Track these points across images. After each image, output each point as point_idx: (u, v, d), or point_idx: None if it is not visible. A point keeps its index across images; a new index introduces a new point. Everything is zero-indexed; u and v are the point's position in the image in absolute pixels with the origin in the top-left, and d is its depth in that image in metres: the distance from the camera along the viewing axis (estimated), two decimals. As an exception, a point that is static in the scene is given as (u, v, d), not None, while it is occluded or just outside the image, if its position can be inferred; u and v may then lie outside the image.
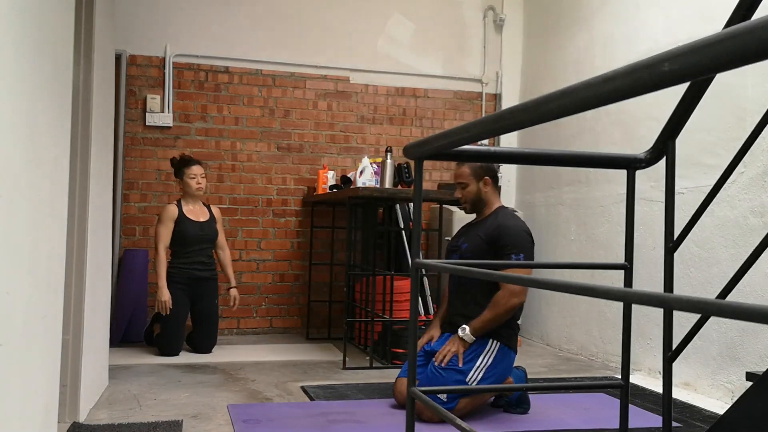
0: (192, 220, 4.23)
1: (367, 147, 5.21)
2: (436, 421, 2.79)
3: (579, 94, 0.85)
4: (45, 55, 1.99)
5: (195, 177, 4.23)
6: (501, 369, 2.93)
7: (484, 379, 2.88)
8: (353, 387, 3.42)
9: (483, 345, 2.91)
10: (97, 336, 2.96)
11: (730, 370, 3.28)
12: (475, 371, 2.87)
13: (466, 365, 2.87)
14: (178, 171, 4.28)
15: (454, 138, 1.25)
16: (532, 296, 5.05)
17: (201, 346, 4.20)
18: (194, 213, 4.27)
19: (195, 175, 4.23)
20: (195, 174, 4.23)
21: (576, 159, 1.69)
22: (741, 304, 0.62)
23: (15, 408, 1.81)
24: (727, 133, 3.36)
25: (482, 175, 3.08)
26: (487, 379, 2.89)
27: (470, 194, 3.10)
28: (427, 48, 5.34)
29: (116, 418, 2.78)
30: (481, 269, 1.25)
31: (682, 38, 3.64)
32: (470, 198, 3.10)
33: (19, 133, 1.77)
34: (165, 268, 4.12)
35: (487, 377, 2.89)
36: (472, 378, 2.87)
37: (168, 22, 4.84)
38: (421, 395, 1.45)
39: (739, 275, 1.64)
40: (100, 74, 2.83)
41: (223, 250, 4.41)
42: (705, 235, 3.45)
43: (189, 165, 4.24)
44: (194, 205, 4.30)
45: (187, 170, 4.23)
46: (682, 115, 1.65)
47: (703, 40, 0.64)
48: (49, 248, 2.09)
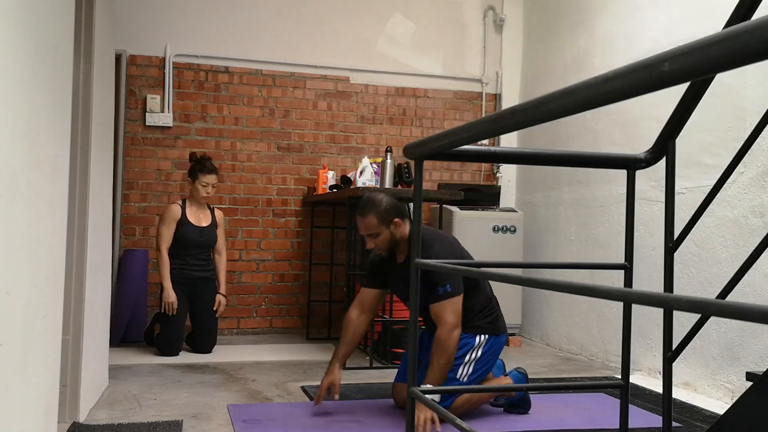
0: (193, 224, 4.21)
1: (367, 147, 5.21)
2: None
3: (579, 94, 0.85)
4: (45, 55, 1.99)
5: (206, 186, 4.18)
6: (490, 354, 2.93)
7: (475, 371, 2.88)
8: (353, 387, 3.42)
9: (470, 342, 2.89)
10: (97, 336, 2.96)
11: (730, 370, 3.28)
12: (464, 367, 2.86)
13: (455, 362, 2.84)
14: (192, 171, 4.21)
15: (454, 138, 1.25)
16: (533, 296, 5.05)
17: (201, 346, 4.20)
18: (196, 217, 4.25)
19: (207, 184, 4.18)
20: (207, 183, 4.18)
21: (576, 159, 1.70)
22: (741, 304, 0.62)
23: (15, 408, 1.81)
24: (727, 133, 3.36)
25: (391, 219, 2.87)
26: (477, 371, 2.89)
27: (384, 242, 2.90)
28: (427, 48, 5.34)
29: (116, 418, 2.78)
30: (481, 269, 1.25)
31: (682, 38, 3.64)
32: (384, 246, 2.92)
33: (19, 133, 1.77)
34: (168, 269, 4.12)
35: (478, 369, 2.89)
36: (461, 374, 2.86)
37: (168, 22, 4.84)
38: (421, 395, 1.45)
39: (739, 275, 1.64)
40: (100, 74, 2.83)
41: (220, 254, 4.38)
42: (705, 235, 3.45)
43: (205, 173, 4.18)
44: (198, 209, 4.27)
45: (201, 177, 4.17)
46: (682, 115, 1.65)
47: (703, 40, 0.64)
48: (49, 248, 2.09)
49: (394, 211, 2.88)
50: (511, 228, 4.82)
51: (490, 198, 5.13)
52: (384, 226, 2.85)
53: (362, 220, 2.87)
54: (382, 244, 2.91)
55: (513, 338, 4.83)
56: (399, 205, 2.93)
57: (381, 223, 2.85)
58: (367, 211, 2.85)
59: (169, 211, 4.18)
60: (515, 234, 4.82)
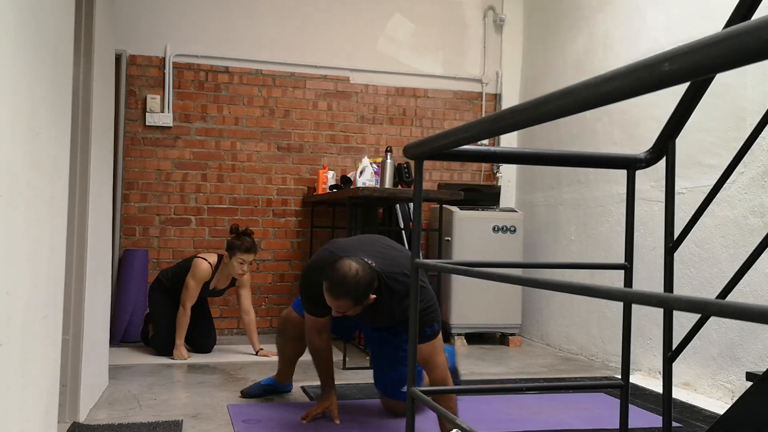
0: (209, 289, 4.16)
1: (367, 147, 5.21)
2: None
3: (579, 94, 0.85)
4: (45, 55, 1.99)
5: (243, 263, 4.03)
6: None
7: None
8: (353, 387, 3.42)
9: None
10: (97, 336, 2.96)
11: (730, 370, 3.28)
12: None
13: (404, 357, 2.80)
14: (231, 247, 4.05)
15: (454, 138, 1.25)
16: (533, 296, 5.06)
17: (201, 346, 4.20)
18: (219, 282, 4.18)
19: (244, 261, 4.03)
20: (244, 261, 4.02)
21: (576, 159, 1.69)
22: (741, 304, 0.62)
23: (15, 408, 1.81)
24: (727, 133, 3.36)
25: (365, 298, 2.52)
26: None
27: (356, 312, 2.59)
28: (427, 48, 5.35)
29: (116, 418, 2.78)
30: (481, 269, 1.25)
31: (682, 38, 3.64)
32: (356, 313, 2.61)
33: (19, 133, 1.77)
34: (186, 327, 4.04)
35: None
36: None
37: (168, 22, 4.84)
38: (421, 395, 1.45)
39: (739, 275, 1.64)
40: (100, 74, 2.83)
41: (248, 314, 4.21)
42: (705, 235, 3.45)
43: (243, 251, 4.01)
44: (226, 277, 4.17)
45: (240, 254, 4.01)
46: (682, 115, 1.65)
47: (703, 40, 0.64)
48: (49, 248, 2.09)
49: (368, 287, 2.50)
50: (511, 228, 4.82)
51: (490, 198, 5.13)
52: (359, 305, 2.53)
53: (334, 300, 2.50)
54: (354, 314, 2.60)
55: (513, 338, 4.83)
56: (373, 276, 2.52)
57: (356, 304, 2.51)
58: (341, 293, 2.47)
59: (200, 271, 4.04)
60: (515, 234, 4.82)
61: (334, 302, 2.50)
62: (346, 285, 2.45)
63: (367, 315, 2.66)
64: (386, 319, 2.67)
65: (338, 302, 2.49)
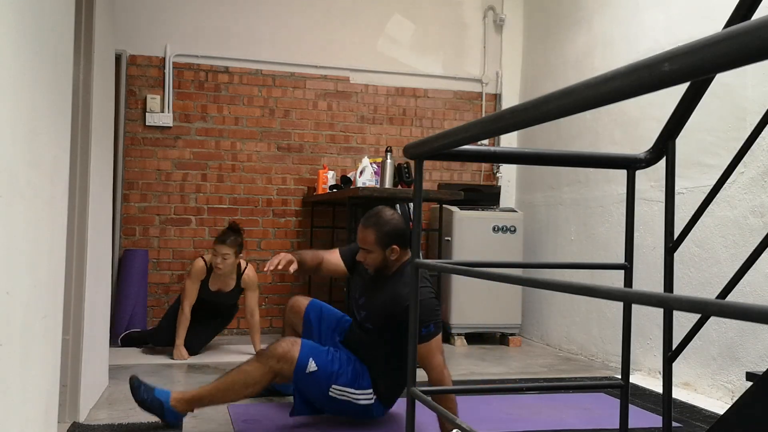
0: (211, 290, 4.11)
1: (367, 147, 5.21)
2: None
3: (579, 94, 0.85)
4: (45, 55, 1.99)
5: (217, 255, 3.98)
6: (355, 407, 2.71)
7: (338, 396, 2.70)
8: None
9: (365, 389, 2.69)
10: (97, 336, 2.96)
11: (730, 370, 3.28)
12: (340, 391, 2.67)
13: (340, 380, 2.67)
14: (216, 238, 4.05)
15: (454, 138, 1.25)
16: (533, 296, 5.06)
17: (187, 345, 4.09)
18: (219, 282, 4.12)
19: (217, 253, 3.97)
20: (217, 252, 3.97)
21: (576, 159, 1.69)
22: (741, 304, 0.62)
23: (15, 408, 1.81)
24: (727, 133, 3.36)
25: (389, 244, 2.64)
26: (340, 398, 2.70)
27: (374, 261, 2.68)
28: (427, 48, 5.35)
29: (116, 418, 2.78)
30: (481, 269, 1.25)
31: (682, 38, 3.64)
32: (374, 265, 2.69)
33: (19, 133, 1.77)
34: (186, 327, 4.02)
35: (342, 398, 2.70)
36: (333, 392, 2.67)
37: (168, 22, 4.84)
38: (420, 395, 1.45)
39: (739, 275, 1.64)
40: (100, 74, 2.83)
41: (252, 315, 4.16)
42: (705, 235, 3.45)
43: (218, 242, 3.99)
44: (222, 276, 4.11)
45: (215, 245, 4.00)
46: (682, 115, 1.65)
47: (703, 40, 0.64)
48: (49, 248, 2.09)
49: (396, 237, 2.65)
50: (511, 228, 4.81)
51: (490, 198, 5.13)
52: (379, 247, 2.64)
53: (362, 229, 2.67)
54: (372, 263, 2.69)
55: (513, 338, 4.83)
56: (404, 232, 2.67)
57: (377, 243, 2.64)
58: (369, 223, 2.66)
59: (195, 269, 4.03)
60: (515, 234, 4.82)
61: (362, 231, 2.67)
62: (378, 218, 2.67)
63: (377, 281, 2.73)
64: (385, 299, 2.66)
65: (365, 232, 2.66)
